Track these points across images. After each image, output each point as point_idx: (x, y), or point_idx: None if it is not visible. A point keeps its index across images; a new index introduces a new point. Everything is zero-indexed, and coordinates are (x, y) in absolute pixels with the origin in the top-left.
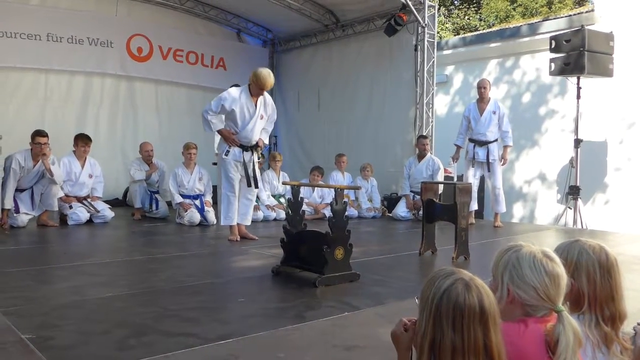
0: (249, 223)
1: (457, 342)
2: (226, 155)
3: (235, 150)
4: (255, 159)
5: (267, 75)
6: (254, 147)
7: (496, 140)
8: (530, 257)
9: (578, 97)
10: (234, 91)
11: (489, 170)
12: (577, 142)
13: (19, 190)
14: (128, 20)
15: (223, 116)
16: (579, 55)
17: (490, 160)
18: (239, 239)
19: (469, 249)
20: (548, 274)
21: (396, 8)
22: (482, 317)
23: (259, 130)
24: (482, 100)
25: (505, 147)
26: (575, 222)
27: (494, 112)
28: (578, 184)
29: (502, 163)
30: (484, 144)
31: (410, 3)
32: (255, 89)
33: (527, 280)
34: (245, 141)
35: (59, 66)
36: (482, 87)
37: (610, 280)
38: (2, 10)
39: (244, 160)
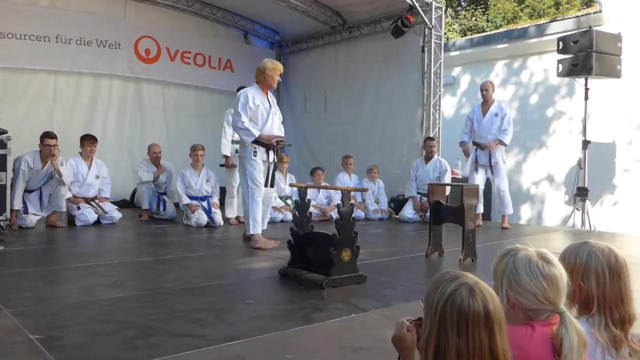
0: (265, 227)
1: (462, 348)
2: (254, 156)
3: (262, 149)
4: (276, 159)
5: (275, 60)
6: (274, 147)
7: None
8: (526, 261)
9: (586, 98)
10: (247, 91)
11: (492, 173)
12: (585, 144)
13: (27, 191)
14: (136, 22)
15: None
16: (586, 57)
17: (492, 163)
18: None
19: (476, 250)
20: (545, 277)
21: (403, 9)
22: (487, 322)
23: (277, 126)
24: (485, 102)
25: (498, 139)
26: (583, 223)
27: (496, 115)
28: (586, 186)
29: (485, 146)
30: (486, 147)
31: (417, 4)
32: (270, 81)
33: (525, 286)
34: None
35: (67, 68)
36: (483, 90)
37: (619, 282)
38: (11, 12)
39: (268, 160)
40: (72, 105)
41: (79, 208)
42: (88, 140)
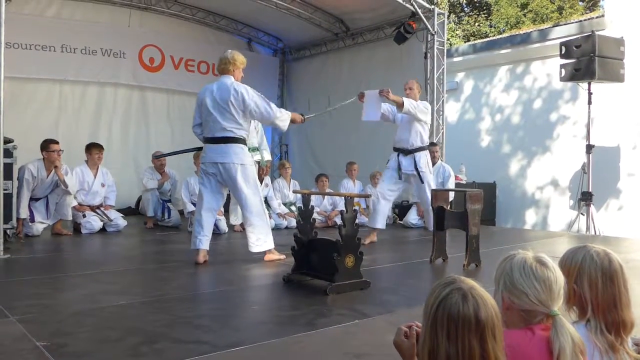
0: None
1: (452, 353)
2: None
3: None
4: None
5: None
6: None
7: (422, 148)
8: (521, 263)
9: (589, 102)
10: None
11: (422, 182)
12: (589, 148)
13: (33, 199)
14: (140, 31)
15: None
16: (589, 61)
17: (419, 171)
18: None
19: (480, 256)
20: (538, 279)
21: (406, 16)
22: (477, 328)
23: None
24: None
25: (401, 102)
26: (588, 228)
27: None
28: (590, 190)
29: (384, 91)
30: (409, 152)
31: (419, 11)
32: (239, 75)
33: (518, 286)
34: None
35: (72, 77)
36: (407, 88)
37: (612, 286)
38: (18, 22)
39: None
40: (78, 114)
41: (84, 216)
42: (96, 149)
